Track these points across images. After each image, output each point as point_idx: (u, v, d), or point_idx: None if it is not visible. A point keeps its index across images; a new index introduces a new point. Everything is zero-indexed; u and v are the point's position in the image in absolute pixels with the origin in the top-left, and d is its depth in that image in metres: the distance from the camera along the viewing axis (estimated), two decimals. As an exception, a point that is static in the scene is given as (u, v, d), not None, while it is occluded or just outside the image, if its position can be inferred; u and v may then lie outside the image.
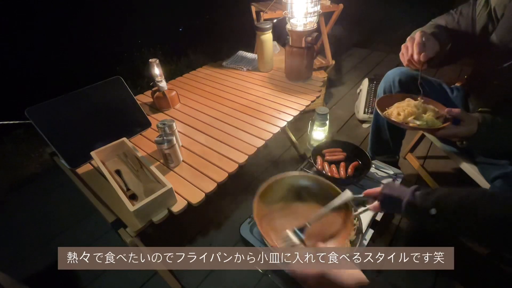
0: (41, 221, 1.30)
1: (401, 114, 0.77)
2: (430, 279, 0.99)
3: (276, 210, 0.70)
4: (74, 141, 0.91)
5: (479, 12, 0.80)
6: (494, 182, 0.79)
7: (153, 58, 1.09)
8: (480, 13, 0.79)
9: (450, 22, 0.85)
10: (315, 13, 1.13)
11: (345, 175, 0.89)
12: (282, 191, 0.72)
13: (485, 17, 0.78)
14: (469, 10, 0.82)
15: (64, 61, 1.62)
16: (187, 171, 0.86)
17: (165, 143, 0.81)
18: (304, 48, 1.17)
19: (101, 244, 1.17)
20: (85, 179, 0.86)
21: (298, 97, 1.18)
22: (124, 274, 1.06)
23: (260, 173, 1.47)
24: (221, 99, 1.22)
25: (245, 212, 1.25)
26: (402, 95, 0.86)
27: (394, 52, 0.88)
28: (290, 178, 0.74)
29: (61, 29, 1.54)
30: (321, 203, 0.68)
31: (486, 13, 0.78)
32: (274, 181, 0.72)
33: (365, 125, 1.80)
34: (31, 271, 1.09)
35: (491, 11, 0.77)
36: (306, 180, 0.74)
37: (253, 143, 0.94)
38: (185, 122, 1.09)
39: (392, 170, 0.95)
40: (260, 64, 1.42)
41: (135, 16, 1.72)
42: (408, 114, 0.76)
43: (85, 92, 0.97)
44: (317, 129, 1.06)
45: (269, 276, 0.97)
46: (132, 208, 0.64)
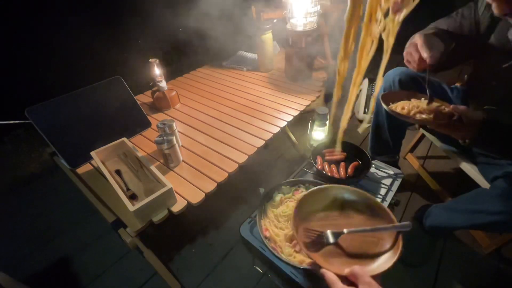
0: (41, 221, 1.30)
1: (405, 107, 0.75)
2: (430, 279, 0.99)
3: (315, 220, 0.65)
4: (74, 141, 0.91)
5: (482, 13, 0.80)
6: (494, 182, 0.79)
7: (153, 58, 1.09)
8: (484, 14, 0.79)
9: (452, 25, 0.85)
10: (315, 13, 1.13)
11: (345, 175, 0.89)
12: (325, 201, 0.68)
13: (489, 18, 0.78)
14: (471, 12, 0.82)
15: (64, 61, 1.62)
16: (187, 171, 0.86)
17: (165, 143, 0.81)
18: (304, 48, 1.17)
19: (101, 244, 1.17)
20: (85, 179, 0.86)
21: (298, 97, 1.18)
22: (124, 274, 1.06)
23: (260, 173, 1.47)
24: (221, 99, 1.22)
25: (245, 212, 1.25)
26: (408, 92, 0.83)
27: (394, 52, 0.88)
28: (336, 189, 0.69)
29: (61, 29, 1.54)
30: (366, 221, 0.64)
31: (489, 14, 0.77)
32: (319, 189, 0.68)
33: (365, 125, 1.80)
34: (31, 271, 1.09)
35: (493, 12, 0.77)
36: (354, 195, 0.68)
37: (253, 143, 0.94)
38: (185, 122, 1.09)
39: (392, 170, 0.95)
40: (260, 64, 1.42)
41: (135, 16, 1.72)
42: (412, 107, 0.74)
43: (85, 92, 0.97)
44: (317, 129, 1.06)
45: (269, 276, 0.97)
46: (132, 208, 0.64)
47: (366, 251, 0.57)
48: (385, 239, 0.58)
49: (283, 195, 0.81)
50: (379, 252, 0.57)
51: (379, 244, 0.58)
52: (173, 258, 1.09)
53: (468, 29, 0.83)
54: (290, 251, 0.67)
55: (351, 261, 0.56)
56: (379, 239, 0.59)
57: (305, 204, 0.65)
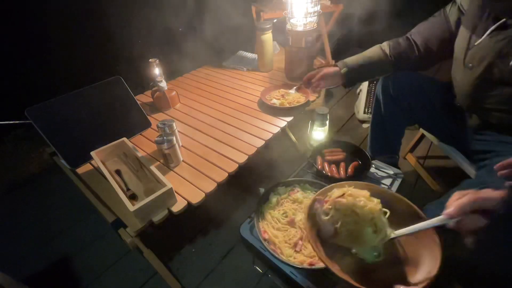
0: (41, 221, 1.30)
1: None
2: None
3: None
4: (74, 141, 0.91)
5: (449, 10, 0.86)
6: (478, 172, 0.81)
7: (153, 58, 1.09)
8: (451, 10, 0.85)
9: (425, 27, 0.92)
10: (315, 13, 1.13)
11: (345, 175, 0.89)
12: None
13: (455, 12, 0.83)
14: (442, 11, 0.88)
15: (64, 61, 1.62)
16: (187, 171, 0.86)
17: (165, 143, 0.81)
18: (304, 48, 1.17)
19: (101, 244, 1.17)
20: (85, 179, 0.86)
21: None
22: (124, 274, 1.06)
23: (260, 173, 1.47)
24: (221, 99, 1.22)
25: (245, 212, 1.25)
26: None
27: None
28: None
29: (61, 28, 1.54)
30: (394, 224, 0.53)
31: (455, 9, 0.83)
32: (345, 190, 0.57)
33: (365, 125, 1.80)
34: (31, 271, 1.09)
35: (459, 6, 0.82)
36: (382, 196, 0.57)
37: (253, 143, 0.94)
38: (185, 122, 1.09)
39: (392, 170, 0.95)
40: (260, 64, 1.42)
41: (135, 16, 1.72)
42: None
43: (85, 92, 0.97)
44: (317, 129, 1.06)
45: (269, 276, 0.97)
46: (132, 208, 0.64)
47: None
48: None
49: (279, 196, 0.81)
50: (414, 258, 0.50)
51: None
52: (173, 258, 1.09)
53: (440, 27, 0.88)
54: (290, 252, 0.67)
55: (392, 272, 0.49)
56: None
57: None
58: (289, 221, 0.74)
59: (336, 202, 0.54)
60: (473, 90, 0.78)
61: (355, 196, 0.53)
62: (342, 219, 0.53)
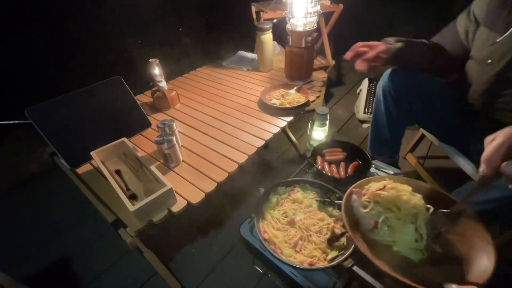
0: (41, 221, 1.30)
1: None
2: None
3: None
4: (74, 141, 0.91)
5: (458, 21, 0.86)
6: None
7: (153, 58, 1.09)
8: (460, 20, 0.85)
9: (438, 39, 0.91)
10: (315, 13, 1.12)
11: (345, 175, 0.89)
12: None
13: (465, 21, 0.83)
14: (454, 21, 0.88)
15: (64, 61, 1.62)
16: (187, 171, 0.86)
17: (165, 143, 0.81)
18: (304, 48, 1.17)
19: (101, 244, 1.17)
20: (85, 179, 0.86)
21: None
22: (124, 274, 1.06)
23: (260, 173, 1.47)
24: (221, 99, 1.22)
25: (245, 212, 1.25)
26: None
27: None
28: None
29: (61, 28, 1.54)
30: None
31: (463, 19, 0.83)
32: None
33: (365, 125, 1.80)
34: (31, 271, 1.09)
35: (472, 12, 0.82)
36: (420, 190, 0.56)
37: (253, 143, 0.94)
38: (185, 122, 1.09)
39: (392, 170, 0.95)
40: (260, 64, 1.42)
41: (135, 16, 1.72)
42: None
43: (85, 92, 0.97)
44: (317, 129, 1.06)
45: (269, 276, 0.97)
46: (132, 208, 0.64)
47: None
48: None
49: (279, 196, 0.81)
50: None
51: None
52: (173, 258, 1.09)
53: (452, 37, 0.87)
54: (290, 252, 0.67)
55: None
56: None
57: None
58: (289, 221, 0.74)
59: (376, 195, 0.52)
60: (489, 87, 0.78)
61: (398, 190, 0.51)
62: (384, 213, 0.50)
